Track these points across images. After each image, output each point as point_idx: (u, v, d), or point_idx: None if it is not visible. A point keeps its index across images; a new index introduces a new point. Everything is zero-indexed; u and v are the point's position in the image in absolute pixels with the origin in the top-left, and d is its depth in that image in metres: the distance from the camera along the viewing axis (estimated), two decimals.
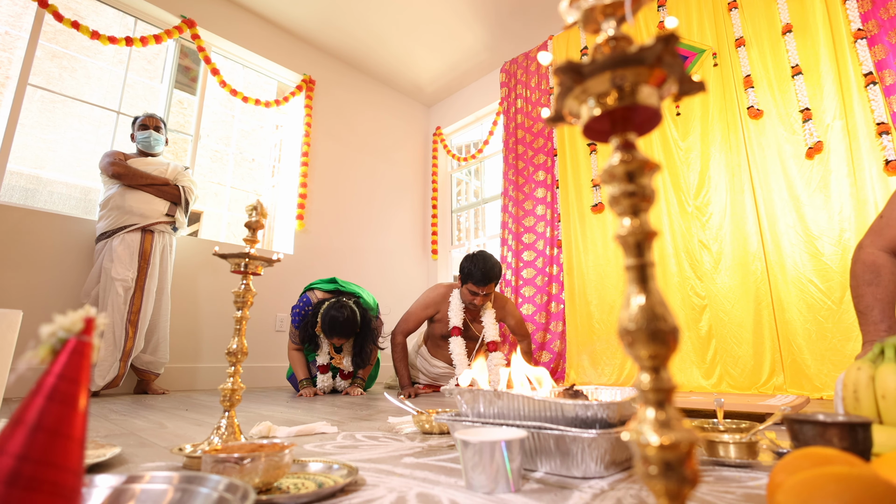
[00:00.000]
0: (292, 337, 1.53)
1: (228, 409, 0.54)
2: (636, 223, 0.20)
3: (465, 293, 1.44)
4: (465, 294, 1.45)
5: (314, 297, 1.52)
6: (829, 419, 0.36)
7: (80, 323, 0.23)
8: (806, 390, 1.23)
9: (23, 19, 5.91)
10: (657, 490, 0.18)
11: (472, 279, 1.39)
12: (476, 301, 1.43)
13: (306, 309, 1.49)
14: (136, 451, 0.59)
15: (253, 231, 0.57)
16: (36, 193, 5.87)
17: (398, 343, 1.48)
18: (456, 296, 1.49)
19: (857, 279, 0.69)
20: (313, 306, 1.49)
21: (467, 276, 1.40)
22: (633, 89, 0.20)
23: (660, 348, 0.19)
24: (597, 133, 0.23)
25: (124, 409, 1.09)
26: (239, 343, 0.55)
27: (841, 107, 1.32)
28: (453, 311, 1.46)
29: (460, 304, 1.48)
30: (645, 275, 0.20)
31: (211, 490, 0.28)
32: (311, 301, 1.51)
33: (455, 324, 1.45)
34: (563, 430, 0.44)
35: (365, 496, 0.39)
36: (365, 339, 1.48)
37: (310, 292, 1.54)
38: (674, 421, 0.18)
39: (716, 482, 0.42)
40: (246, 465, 0.37)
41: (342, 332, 1.41)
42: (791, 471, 0.26)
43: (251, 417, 0.92)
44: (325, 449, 0.61)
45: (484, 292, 1.40)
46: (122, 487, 0.29)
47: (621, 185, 0.21)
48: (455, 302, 1.47)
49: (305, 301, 1.51)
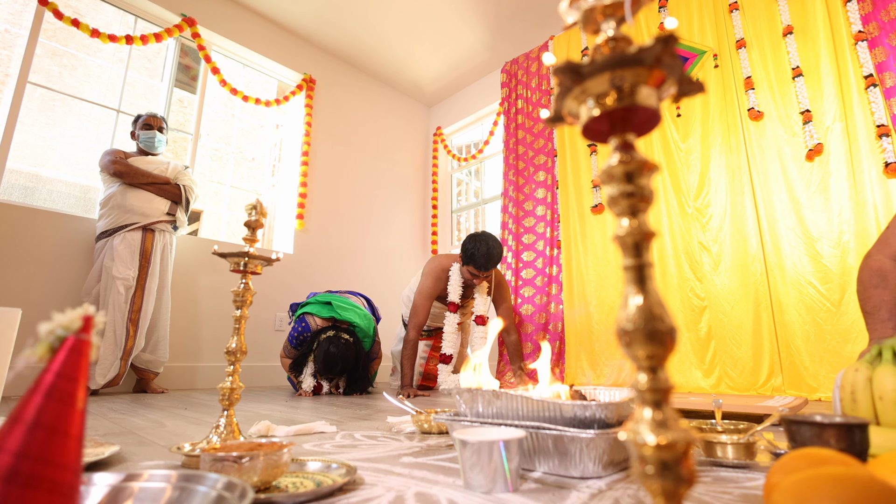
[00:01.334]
0: (287, 352, 1.54)
1: (227, 408, 0.54)
2: (634, 224, 0.20)
3: (465, 273, 1.45)
4: (465, 273, 1.45)
5: (313, 323, 1.52)
6: (827, 420, 0.36)
7: (78, 321, 0.23)
8: (804, 392, 1.23)
9: (23, 17, 5.91)
10: (654, 489, 0.18)
11: (475, 263, 1.40)
12: (475, 282, 1.45)
13: (304, 335, 1.50)
14: (134, 450, 0.59)
15: (252, 230, 0.57)
16: (35, 192, 5.86)
17: (410, 340, 1.45)
18: (456, 271, 1.48)
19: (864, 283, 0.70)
20: (311, 333, 1.49)
21: (469, 259, 1.41)
22: (632, 90, 0.20)
23: (657, 348, 0.19)
24: (596, 134, 0.23)
25: (123, 407, 1.09)
26: (238, 342, 0.55)
27: (841, 109, 1.32)
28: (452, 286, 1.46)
29: (459, 279, 1.47)
30: (643, 275, 0.20)
31: (209, 489, 0.28)
32: (309, 328, 1.51)
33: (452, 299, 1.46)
34: (561, 430, 0.44)
35: (363, 495, 0.39)
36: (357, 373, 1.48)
37: (308, 317, 1.53)
38: (671, 421, 0.18)
39: (713, 482, 0.42)
40: (244, 463, 0.37)
41: (339, 371, 1.42)
42: (787, 471, 0.26)
43: (250, 417, 0.92)
44: (324, 448, 0.61)
45: (484, 275, 1.43)
46: (120, 486, 0.29)
47: (620, 185, 0.21)
48: (455, 278, 1.47)
49: (304, 327, 1.51)
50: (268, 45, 2.25)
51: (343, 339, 1.43)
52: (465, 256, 1.43)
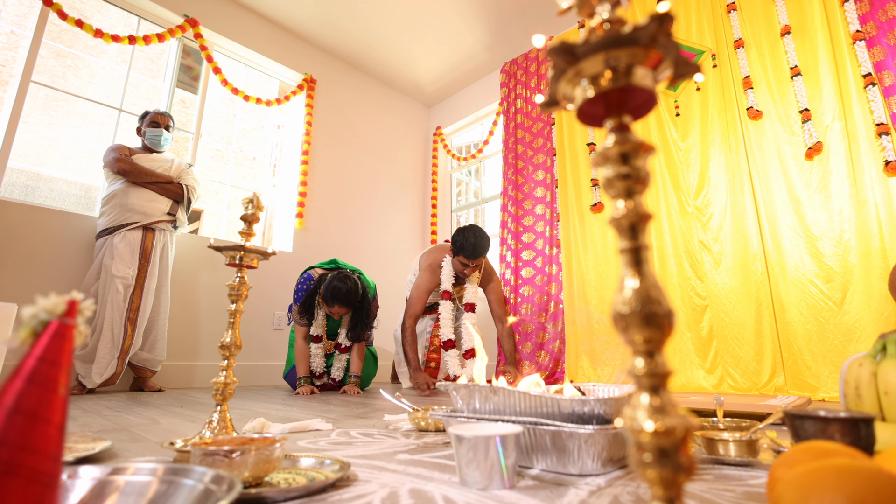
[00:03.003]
0: (295, 317, 1.56)
1: (221, 404, 0.54)
2: (630, 205, 0.20)
3: (457, 263, 1.56)
4: (456, 264, 1.57)
5: (315, 273, 1.59)
6: (831, 415, 0.35)
7: (62, 305, 0.22)
8: (807, 391, 1.22)
9: (28, 19, 5.96)
10: (651, 478, 0.17)
11: (464, 252, 1.50)
12: (466, 272, 1.56)
13: (308, 283, 1.54)
14: (127, 446, 0.58)
15: (249, 224, 0.57)
16: (36, 190, 5.88)
17: (408, 328, 1.52)
18: (448, 263, 1.60)
19: None
20: (315, 280, 1.54)
21: (459, 249, 1.52)
22: (628, 70, 0.20)
23: (654, 332, 0.18)
24: (591, 117, 0.23)
25: (119, 405, 1.08)
26: (233, 336, 0.55)
27: (840, 108, 1.32)
28: (445, 277, 1.58)
29: (451, 271, 1.59)
30: (639, 258, 0.19)
31: (196, 482, 0.27)
32: (312, 277, 1.57)
33: (445, 288, 1.57)
34: (559, 426, 0.43)
35: (356, 491, 0.39)
36: (362, 314, 1.53)
37: (310, 271, 1.61)
38: (668, 406, 0.18)
39: (715, 480, 0.41)
40: (235, 458, 0.36)
41: (344, 300, 1.44)
42: (791, 465, 0.26)
43: (246, 415, 0.91)
44: (319, 445, 0.60)
45: (474, 264, 1.52)
46: (106, 479, 0.28)
47: (615, 167, 0.20)
48: (447, 269, 1.59)
49: (307, 277, 1.58)
50: (269, 45, 2.26)
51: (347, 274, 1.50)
52: (456, 247, 1.53)
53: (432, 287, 1.59)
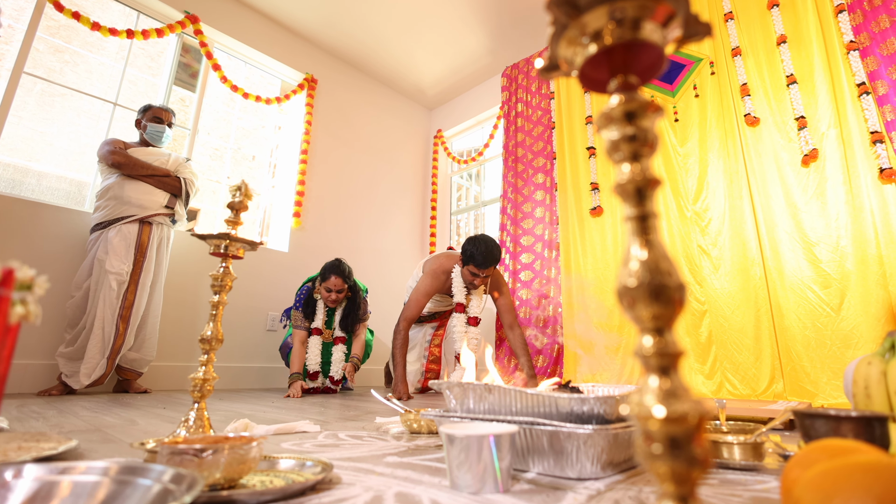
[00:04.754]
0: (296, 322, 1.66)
1: (199, 401, 0.50)
2: (637, 168, 0.18)
3: (466, 273, 1.53)
4: (466, 274, 1.53)
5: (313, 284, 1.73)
6: (843, 414, 0.33)
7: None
8: (806, 398, 1.20)
9: (25, 13, 5.94)
10: (662, 473, 0.15)
11: (475, 262, 1.47)
12: (476, 282, 1.52)
13: (307, 286, 1.71)
14: (96, 447, 0.54)
15: (236, 212, 0.54)
16: (22, 185, 5.79)
17: (401, 331, 1.46)
18: (457, 273, 1.56)
19: None
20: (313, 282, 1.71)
21: (469, 259, 1.49)
22: (635, 24, 0.18)
23: (664, 307, 0.16)
24: (594, 82, 0.21)
25: (98, 406, 1.03)
26: (214, 329, 0.52)
27: (835, 115, 1.33)
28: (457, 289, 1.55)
29: (462, 282, 1.56)
30: (647, 226, 0.18)
31: (153, 481, 0.25)
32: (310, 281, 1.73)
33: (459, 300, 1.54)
34: (557, 426, 0.40)
35: (337, 495, 0.36)
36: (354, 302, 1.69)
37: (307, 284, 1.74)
38: (680, 390, 0.16)
39: (720, 485, 0.39)
40: (206, 457, 0.33)
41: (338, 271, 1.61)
42: (807, 464, 0.23)
43: (230, 416, 0.88)
44: (304, 447, 0.57)
45: (484, 274, 1.50)
46: (50, 479, 0.25)
47: (620, 127, 0.19)
48: (458, 280, 1.56)
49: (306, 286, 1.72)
50: (270, 43, 2.26)
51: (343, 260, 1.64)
52: (466, 257, 1.49)
53: (433, 293, 1.55)
